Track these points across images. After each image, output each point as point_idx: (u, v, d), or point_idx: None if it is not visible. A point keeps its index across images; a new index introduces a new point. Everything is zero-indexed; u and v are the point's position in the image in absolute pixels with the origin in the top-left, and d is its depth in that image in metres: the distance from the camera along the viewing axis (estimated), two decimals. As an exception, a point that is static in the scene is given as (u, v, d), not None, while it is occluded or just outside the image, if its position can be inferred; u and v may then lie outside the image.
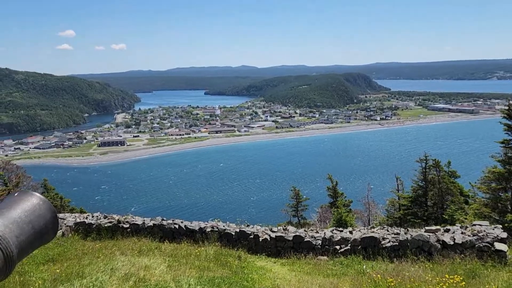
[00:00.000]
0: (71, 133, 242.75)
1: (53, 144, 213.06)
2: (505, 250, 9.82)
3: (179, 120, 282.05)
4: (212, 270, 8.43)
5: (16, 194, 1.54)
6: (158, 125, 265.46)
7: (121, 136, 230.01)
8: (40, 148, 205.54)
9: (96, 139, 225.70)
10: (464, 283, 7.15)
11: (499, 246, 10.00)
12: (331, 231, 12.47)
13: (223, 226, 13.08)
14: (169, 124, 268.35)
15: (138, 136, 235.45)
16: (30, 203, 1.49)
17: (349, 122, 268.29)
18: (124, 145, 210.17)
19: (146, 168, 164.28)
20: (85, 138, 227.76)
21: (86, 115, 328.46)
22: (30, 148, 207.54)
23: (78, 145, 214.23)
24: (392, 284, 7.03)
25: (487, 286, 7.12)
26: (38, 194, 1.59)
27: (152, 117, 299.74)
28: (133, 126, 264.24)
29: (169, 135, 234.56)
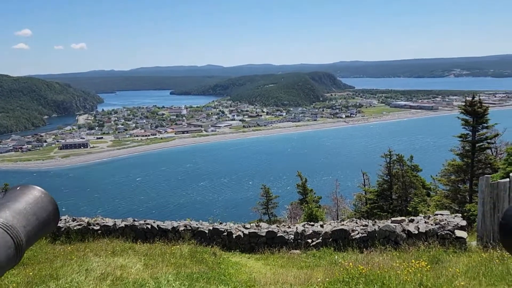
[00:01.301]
0: (30, 136, 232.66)
1: (10, 148, 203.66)
2: (465, 237, 10.49)
3: (144, 121, 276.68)
4: (189, 266, 8.51)
5: (18, 188, 1.61)
6: (122, 126, 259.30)
7: (83, 138, 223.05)
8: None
9: (57, 141, 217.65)
10: (429, 267, 7.62)
11: (459, 233, 10.66)
12: (302, 226, 12.81)
13: (196, 224, 13.15)
14: (134, 125, 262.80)
15: (102, 137, 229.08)
16: (33, 195, 1.57)
17: (315, 120, 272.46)
18: (87, 147, 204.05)
19: (111, 170, 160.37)
20: (45, 141, 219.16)
21: (46, 117, 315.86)
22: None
23: (37, 148, 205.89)
24: (363, 271, 7.39)
25: (449, 269, 7.61)
26: (39, 188, 1.65)
27: (116, 118, 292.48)
28: (97, 128, 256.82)
29: (134, 136, 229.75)
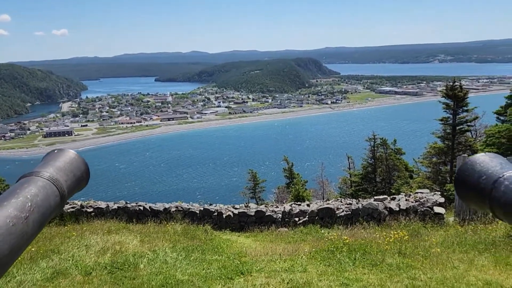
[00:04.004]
0: (13, 124, 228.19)
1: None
2: (443, 213, 11.16)
3: (129, 108, 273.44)
4: (183, 242, 8.96)
5: (55, 151, 1.86)
6: (107, 113, 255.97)
7: (68, 126, 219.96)
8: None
9: (41, 129, 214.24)
10: (407, 237, 8.24)
11: (437, 209, 11.32)
12: (290, 205, 13.35)
13: (187, 205, 13.58)
14: (119, 113, 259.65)
15: (87, 125, 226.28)
16: (69, 156, 1.83)
17: (301, 106, 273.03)
18: (71, 135, 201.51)
19: (95, 157, 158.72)
20: (29, 129, 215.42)
21: (29, 104, 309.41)
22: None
23: (21, 136, 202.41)
24: (347, 241, 7.97)
25: (427, 240, 8.24)
26: (73, 151, 1.90)
27: (101, 106, 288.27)
28: (81, 115, 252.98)
29: (119, 123, 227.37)
